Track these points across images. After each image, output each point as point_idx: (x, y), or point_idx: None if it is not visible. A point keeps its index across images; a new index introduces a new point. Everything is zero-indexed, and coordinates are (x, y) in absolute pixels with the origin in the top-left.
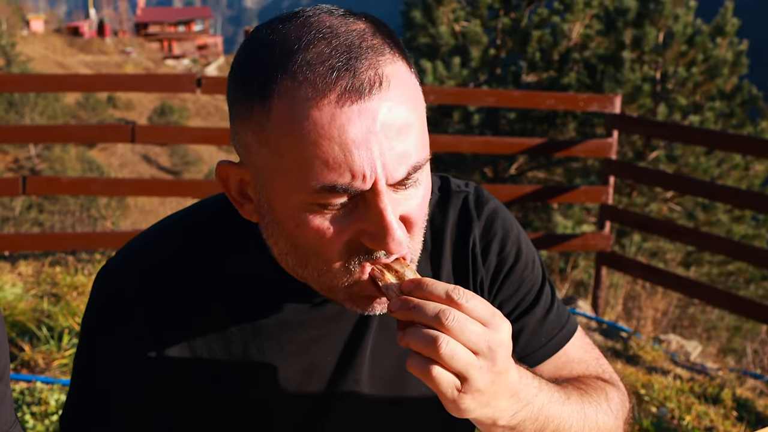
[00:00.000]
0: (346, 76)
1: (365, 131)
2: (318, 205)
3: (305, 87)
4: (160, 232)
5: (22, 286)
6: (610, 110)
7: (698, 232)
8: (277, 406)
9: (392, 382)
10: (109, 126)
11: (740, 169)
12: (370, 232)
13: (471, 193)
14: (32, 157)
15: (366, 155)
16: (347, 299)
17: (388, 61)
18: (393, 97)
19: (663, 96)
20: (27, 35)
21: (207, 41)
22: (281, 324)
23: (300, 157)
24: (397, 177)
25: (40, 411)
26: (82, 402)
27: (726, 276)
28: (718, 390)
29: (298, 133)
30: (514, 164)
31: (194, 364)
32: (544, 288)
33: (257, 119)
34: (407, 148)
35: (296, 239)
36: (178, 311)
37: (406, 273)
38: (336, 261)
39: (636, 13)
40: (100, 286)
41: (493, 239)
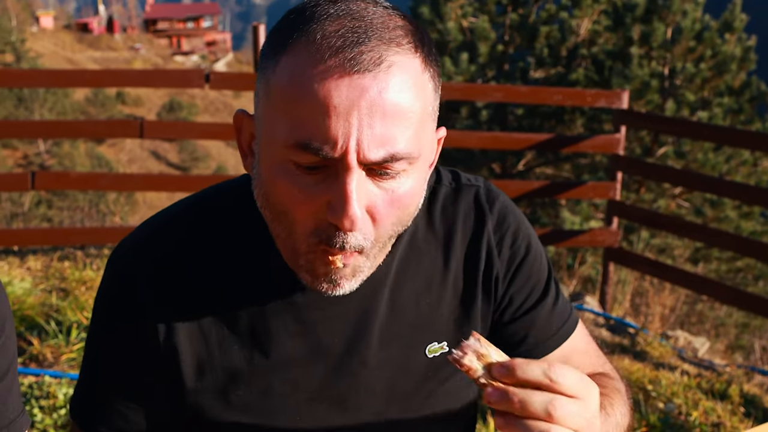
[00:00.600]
0: (351, 50)
1: (349, 103)
2: (292, 164)
3: (312, 49)
4: (169, 217)
5: (30, 280)
6: (618, 106)
7: (706, 228)
8: (284, 386)
9: (399, 366)
10: (117, 121)
11: (749, 165)
12: (332, 203)
13: (481, 187)
14: (41, 153)
15: (343, 125)
16: (307, 271)
17: (401, 52)
18: (390, 83)
19: (671, 92)
20: (36, 31)
21: (216, 38)
22: (287, 305)
23: (287, 110)
24: (371, 158)
25: (49, 405)
26: (89, 386)
27: (734, 273)
28: (725, 386)
29: (291, 88)
30: (521, 160)
31: (202, 346)
32: (551, 279)
33: (267, 71)
34: (391, 134)
35: (269, 195)
36: (185, 296)
37: (491, 354)
38: (301, 226)
39: (644, 8)
40: (108, 273)
41: (507, 232)
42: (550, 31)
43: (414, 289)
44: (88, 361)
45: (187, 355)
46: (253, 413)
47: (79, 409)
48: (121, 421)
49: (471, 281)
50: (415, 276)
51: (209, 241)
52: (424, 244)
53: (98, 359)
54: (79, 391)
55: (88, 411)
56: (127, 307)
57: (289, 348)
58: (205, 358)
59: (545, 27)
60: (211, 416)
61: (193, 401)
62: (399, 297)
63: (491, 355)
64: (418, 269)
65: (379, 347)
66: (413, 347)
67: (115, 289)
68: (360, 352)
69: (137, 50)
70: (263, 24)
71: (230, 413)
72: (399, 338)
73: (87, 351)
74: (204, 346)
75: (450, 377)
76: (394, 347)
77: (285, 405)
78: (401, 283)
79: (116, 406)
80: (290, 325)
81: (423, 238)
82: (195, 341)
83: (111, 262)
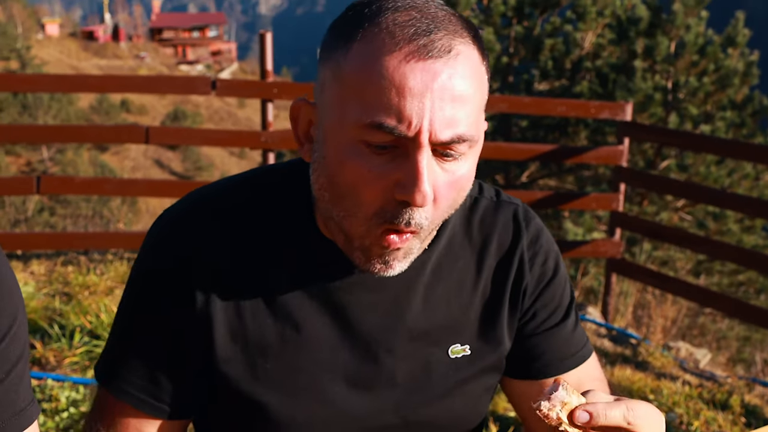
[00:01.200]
0: (423, 38)
1: (423, 86)
2: (364, 144)
3: (385, 36)
4: (218, 189)
5: (34, 284)
6: (621, 117)
7: (709, 240)
8: (311, 365)
9: (421, 361)
10: (123, 127)
11: (751, 178)
12: (403, 181)
13: (520, 206)
14: (45, 160)
15: (417, 106)
16: (361, 251)
17: (464, 42)
18: (457, 68)
19: (674, 105)
20: (42, 39)
21: (221, 47)
22: (322, 286)
23: (361, 93)
24: (441, 138)
25: (51, 408)
26: (122, 350)
27: (736, 286)
28: (726, 396)
29: (366, 72)
30: (525, 172)
31: (236, 316)
32: (573, 306)
33: (337, 57)
34: (457, 117)
35: (335, 176)
36: (224, 266)
37: (572, 401)
38: (365, 206)
39: (648, 22)
40: (154, 237)
41: (539, 251)
42: (555, 44)
43: (446, 290)
44: (122, 324)
45: (221, 324)
46: (279, 388)
47: (110, 373)
48: (152, 387)
49: (500, 290)
50: (449, 278)
51: (255, 217)
52: (460, 250)
53: (132, 323)
54: (109, 356)
55: (119, 375)
56: (167, 272)
57: (319, 328)
58: (238, 328)
59: (550, 40)
60: (237, 387)
61: (222, 370)
62: (432, 295)
63: (572, 401)
64: (451, 272)
65: (407, 339)
66: (438, 345)
67: (158, 254)
68: (388, 341)
69: (142, 59)
70: (270, 32)
71: (256, 386)
72: (426, 334)
73: (120, 315)
74: (238, 316)
75: (469, 381)
76: (420, 342)
77: (310, 383)
78: (435, 283)
79: (149, 369)
80: (323, 306)
81: (459, 243)
82: (230, 311)
83: (158, 227)
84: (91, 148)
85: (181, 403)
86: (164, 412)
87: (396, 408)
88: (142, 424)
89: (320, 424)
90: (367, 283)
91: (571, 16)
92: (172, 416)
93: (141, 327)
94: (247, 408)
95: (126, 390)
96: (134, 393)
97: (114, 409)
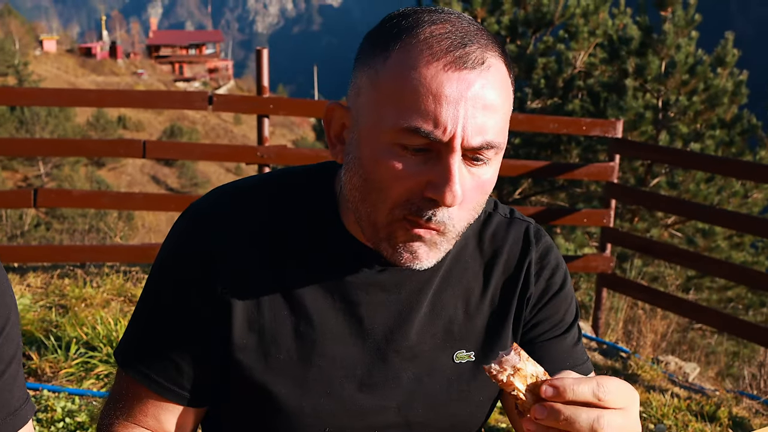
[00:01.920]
0: (458, 50)
1: (458, 94)
2: (400, 146)
3: (422, 47)
4: (247, 186)
5: (30, 297)
6: (613, 134)
7: (699, 255)
8: (321, 359)
9: (427, 364)
10: (120, 141)
11: (739, 196)
12: (435, 182)
13: (532, 225)
14: (41, 176)
15: (452, 113)
16: (387, 241)
17: (495, 56)
18: (489, 79)
19: (664, 124)
20: (40, 55)
21: (218, 65)
22: (338, 282)
23: (399, 99)
24: (472, 144)
25: (47, 418)
26: (145, 334)
27: (726, 302)
28: (714, 408)
29: (405, 79)
30: (518, 189)
31: (254, 306)
32: (576, 324)
33: (375, 65)
34: (488, 125)
35: (369, 173)
36: (247, 257)
37: (527, 369)
38: (392, 200)
39: (639, 42)
40: (183, 226)
41: (546, 266)
42: (548, 63)
43: (454, 297)
44: (144, 312)
45: (240, 313)
46: (288, 379)
47: (131, 358)
48: (174, 372)
49: (507, 302)
50: (457, 286)
51: (279, 214)
52: (471, 260)
53: (155, 311)
54: (131, 341)
55: (140, 360)
56: (191, 263)
57: (333, 324)
58: (255, 318)
59: (542, 58)
60: (249, 375)
61: (237, 358)
62: (440, 300)
63: (527, 368)
64: (460, 280)
65: (414, 342)
66: (443, 350)
67: (182, 245)
68: (396, 341)
69: (140, 75)
70: (266, 48)
71: (267, 375)
72: (432, 338)
73: (143, 302)
74: (256, 307)
75: (471, 388)
76: (427, 345)
77: (319, 376)
78: (444, 289)
79: (170, 355)
80: (338, 302)
81: (470, 254)
82: (249, 301)
83: (184, 219)
84: (87, 163)
85: (200, 389)
86: (184, 399)
87: (399, 407)
88: (161, 408)
89: (327, 416)
90: (383, 284)
91: (564, 35)
92: (191, 403)
93: (163, 315)
94: (258, 396)
95: (147, 375)
96: (155, 378)
97: (134, 393)
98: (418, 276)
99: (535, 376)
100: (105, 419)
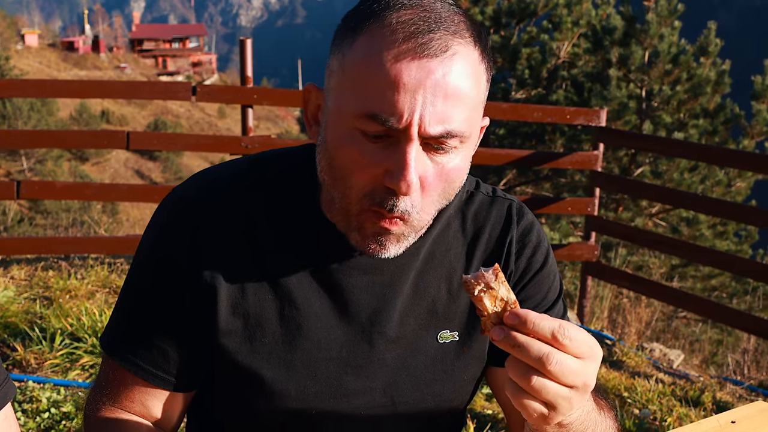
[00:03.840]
0: (422, 37)
1: (417, 82)
2: (359, 132)
3: (387, 32)
4: (231, 170)
5: (14, 289)
6: (597, 123)
7: (683, 242)
8: (306, 342)
9: (411, 344)
10: (103, 132)
11: (723, 185)
12: (391, 170)
13: (515, 203)
14: (24, 171)
15: (409, 101)
16: (357, 231)
17: (463, 43)
18: (453, 68)
19: (648, 113)
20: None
21: (201, 58)
22: (322, 267)
23: (360, 84)
24: (431, 132)
25: (32, 408)
26: (130, 321)
27: (710, 291)
28: (698, 393)
29: (366, 65)
30: (503, 179)
31: (238, 290)
32: (560, 300)
33: (344, 48)
34: (449, 113)
35: (334, 159)
36: (231, 242)
37: (500, 290)
38: (357, 189)
39: (622, 32)
40: (166, 213)
41: (528, 244)
42: (532, 53)
43: (437, 278)
44: (129, 298)
45: (224, 298)
46: (274, 363)
47: (117, 345)
48: (160, 357)
49: None
50: (440, 266)
51: (263, 198)
52: (453, 240)
53: (140, 297)
54: (117, 327)
55: (126, 347)
56: (175, 250)
57: (317, 307)
58: (240, 303)
59: (527, 49)
60: (235, 359)
61: (222, 343)
62: (422, 281)
63: (500, 291)
64: (443, 261)
65: (398, 323)
66: (427, 331)
67: (166, 232)
68: (380, 323)
69: (123, 69)
70: (250, 39)
71: (253, 359)
72: (416, 319)
73: (128, 288)
74: (241, 292)
75: (456, 367)
76: (410, 326)
77: (304, 359)
78: (426, 270)
79: (156, 341)
80: (322, 286)
81: (453, 235)
82: (233, 286)
83: (168, 204)
84: (71, 158)
85: (186, 375)
86: (170, 384)
87: (384, 388)
88: (147, 394)
89: (312, 399)
90: (365, 266)
91: (548, 25)
92: (177, 388)
93: (148, 301)
94: (244, 380)
95: (133, 361)
96: (141, 364)
97: (120, 380)
98: (400, 258)
99: (505, 301)
100: (91, 405)
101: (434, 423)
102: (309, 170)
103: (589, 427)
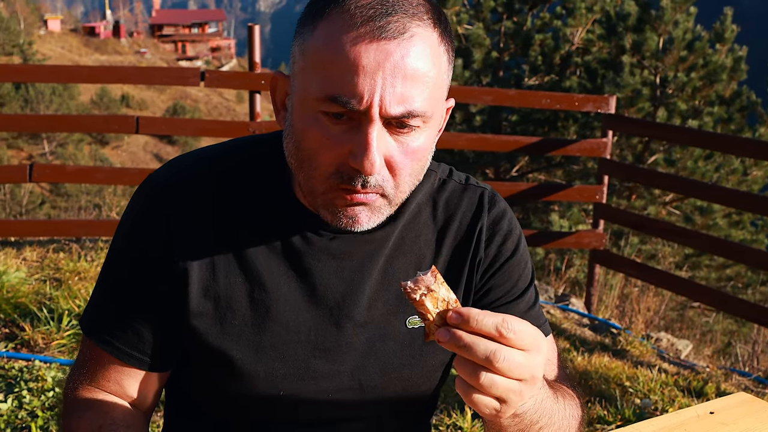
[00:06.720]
0: (380, 20)
1: (375, 64)
2: (323, 114)
3: (345, 17)
4: (202, 155)
5: (26, 270)
6: (606, 110)
7: (692, 231)
8: (276, 324)
9: (379, 329)
10: (113, 116)
11: (738, 174)
12: (354, 150)
13: (487, 191)
14: (46, 154)
15: (369, 83)
16: (326, 208)
17: (422, 25)
18: (412, 50)
19: (662, 100)
20: (44, 34)
21: (220, 43)
22: (291, 249)
23: (321, 68)
24: (391, 113)
25: (38, 387)
26: (107, 302)
27: (725, 281)
28: (702, 384)
29: (327, 49)
30: (515, 166)
31: (209, 272)
32: (530, 288)
33: (305, 34)
34: (410, 94)
35: (300, 141)
36: (203, 225)
37: (440, 292)
38: (323, 169)
39: (636, 18)
40: (143, 196)
41: (498, 232)
42: (545, 39)
43: (406, 264)
44: (106, 280)
45: (196, 281)
46: (243, 345)
47: (94, 325)
48: (135, 338)
49: (459, 268)
50: (409, 253)
51: (234, 181)
52: (424, 227)
53: (116, 279)
54: (95, 308)
55: (103, 327)
56: (150, 233)
57: (286, 290)
58: (211, 285)
59: (539, 35)
60: (205, 340)
61: (193, 324)
62: (391, 267)
63: (440, 292)
64: (412, 247)
65: (366, 307)
66: (396, 316)
67: (142, 216)
68: (348, 307)
69: (143, 54)
70: (258, 25)
71: (222, 340)
72: (385, 304)
73: (106, 270)
74: (212, 274)
75: (424, 353)
76: (379, 311)
77: (273, 342)
78: (396, 256)
79: (131, 322)
80: (291, 269)
81: (424, 222)
82: (205, 268)
83: (144, 189)
84: (92, 141)
85: (160, 355)
86: (145, 364)
87: (352, 372)
88: (122, 373)
89: (281, 380)
90: (334, 251)
91: (561, 11)
92: (152, 368)
93: (124, 284)
94: (216, 361)
95: (109, 341)
96: (117, 344)
97: (97, 359)
98: (370, 244)
99: (446, 302)
100: (70, 384)
101: (402, 407)
102: (279, 155)
103: (545, 415)
